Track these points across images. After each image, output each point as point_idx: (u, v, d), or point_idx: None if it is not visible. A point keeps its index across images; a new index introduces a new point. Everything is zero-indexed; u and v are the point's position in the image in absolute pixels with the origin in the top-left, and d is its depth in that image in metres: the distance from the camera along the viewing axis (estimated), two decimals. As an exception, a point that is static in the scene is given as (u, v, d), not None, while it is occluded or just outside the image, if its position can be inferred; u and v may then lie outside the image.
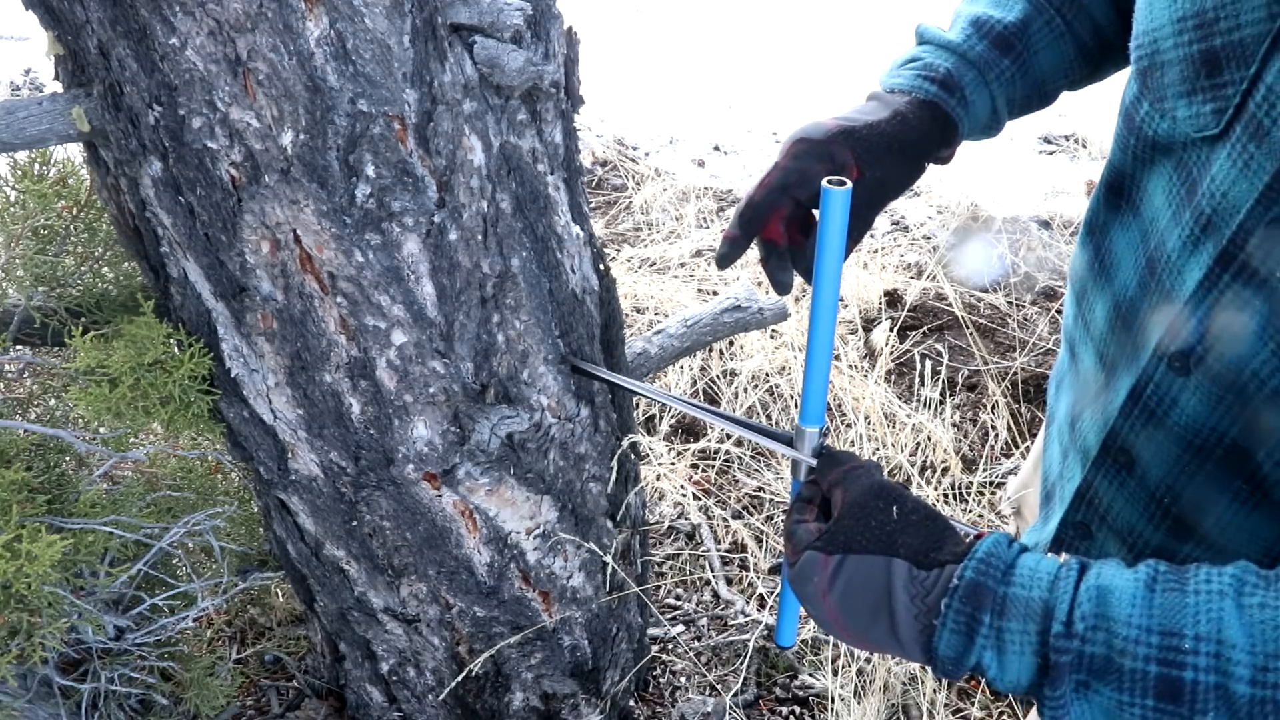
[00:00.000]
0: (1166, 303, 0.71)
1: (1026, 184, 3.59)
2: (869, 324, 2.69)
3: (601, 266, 1.26)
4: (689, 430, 2.35)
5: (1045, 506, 0.96)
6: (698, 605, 1.91)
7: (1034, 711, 1.17)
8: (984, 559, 0.59)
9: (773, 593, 1.91)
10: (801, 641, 1.79)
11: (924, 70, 0.86)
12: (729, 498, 2.14)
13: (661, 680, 1.74)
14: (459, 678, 1.38)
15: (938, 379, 2.40)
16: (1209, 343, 0.66)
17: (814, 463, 0.80)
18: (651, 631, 1.79)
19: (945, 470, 2.18)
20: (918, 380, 2.46)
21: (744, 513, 2.11)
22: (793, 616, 0.88)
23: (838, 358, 2.45)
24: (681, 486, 2.12)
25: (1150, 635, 0.52)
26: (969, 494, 2.12)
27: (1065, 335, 0.94)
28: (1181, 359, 0.69)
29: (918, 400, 2.38)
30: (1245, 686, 0.49)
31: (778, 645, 0.90)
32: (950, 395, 2.42)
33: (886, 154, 0.81)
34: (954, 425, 2.33)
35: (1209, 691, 0.50)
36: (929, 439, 2.22)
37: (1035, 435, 2.28)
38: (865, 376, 2.38)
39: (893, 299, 2.76)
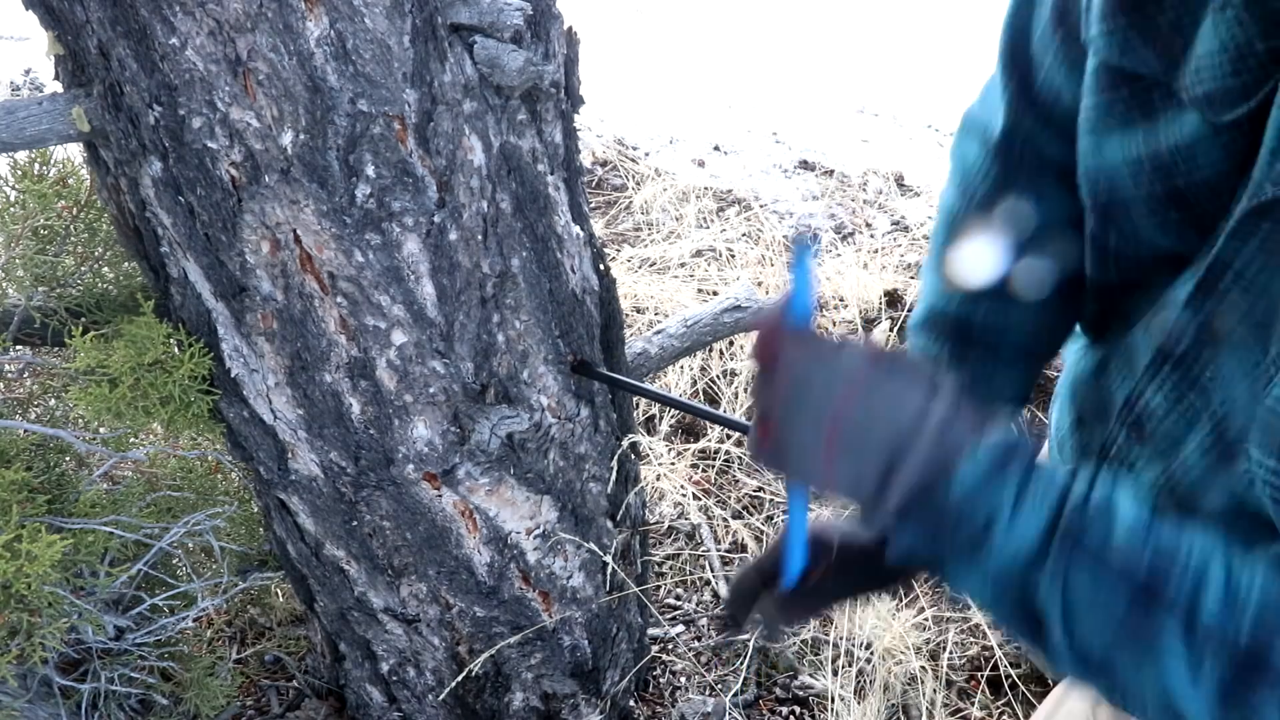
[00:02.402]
0: (1131, 373, 0.72)
1: (1026, 184, 3.59)
2: (869, 324, 2.69)
3: (601, 266, 1.26)
4: (689, 430, 2.35)
5: (1055, 457, 0.95)
6: (698, 605, 1.91)
7: (1035, 713, 1.18)
8: (1006, 442, 0.59)
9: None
10: (801, 641, 1.79)
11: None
12: (729, 498, 2.14)
13: (661, 680, 1.74)
14: (459, 678, 1.37)
15: (938, 379, 2.39)
16: (1153, 425, 0.68)
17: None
18: (651, 631, 1.79)
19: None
20: (918, 380, 2.46)
21: (744, 513, 2.11)
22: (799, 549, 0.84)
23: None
24: (681, 486, 2.12)
25: (1146, 548, 0.55)
26: (969, 494, 2.12)
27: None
28: (1138, 429, 0.71)
29: (918, 400, 2.38)
30: (1210, 619, 0.53)
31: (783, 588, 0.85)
32: (950, 395, 2.42)
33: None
34: (954, 425, 2.32)
35: (1180, 611, 0.53)
36: (929, 439, 2.22)
37: (1036, 436, 2.28)
38: (865, 376, 2.38)
39: (893, 299, 2.76)
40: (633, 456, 1.45)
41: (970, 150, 0.88)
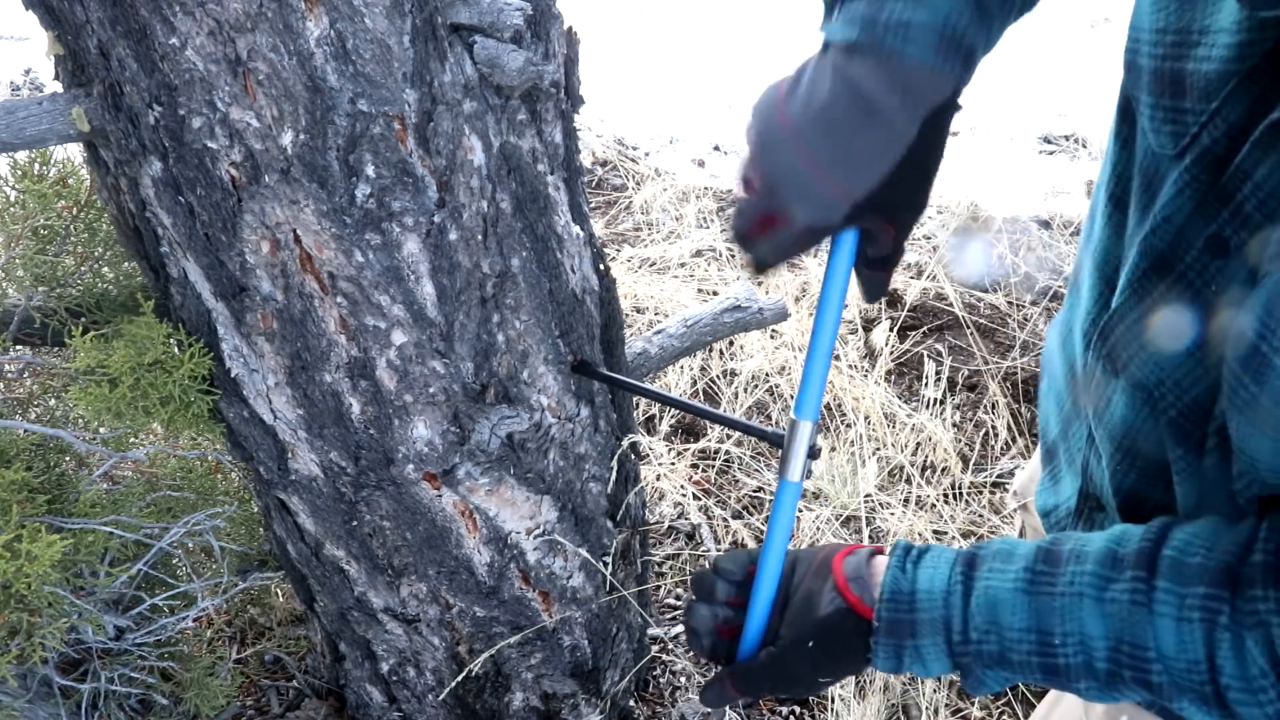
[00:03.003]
0: (1108, 305, 0.72)
1: (1026, 184, 3.59)
2: (869, 324, 2.69)
3: (601, 266, 1.26)
4: (689, 430, 2.35)
5: (1048, 465, 0.95)
6: (698, 605, 1.90)
7: (1034, 713, 1.18)
8: (891, 598, 0.70)
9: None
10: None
11: (941, 37, 0.65)
12: (729, 498, 2.14)
13: (661, 680, 1.74)
14: (459, 678, 1.37)
15: (938, 379, 2.40)
16: (1134, 349, 0.68)
17: (809, 464, 0.80)
18: (651, 631, 1.79)
19: (945, 470, 2.18)
20: (918, 380, 2.46)
21: (744, 513, 2.11)
22: (758, 636, 0.84)
23: (837, 358, 2.45)
24: (681, 486, 2.12)
25: (1030, 634, 0.66)
26: (969, 494, 2.13)
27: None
28: (1111, 360, 0.70)
29: (918, 400, 2.38)
30: (1104, 663, 0.64)
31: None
32: (950, 395, 2.42)
33: (909, 188, 0.71)
34: (954, 425, 2.33)
35: (1079, 669, 0.65)
36: (929, 439, 2.22)
37: (1037, 435, 2.28)
38: (865, 376, 2.38)
39: (893, 299, 2.76)
40: (633, 456, 1.45)
41: None
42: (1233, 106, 0.58)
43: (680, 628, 1.85)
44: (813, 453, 0.81)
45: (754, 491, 2.16)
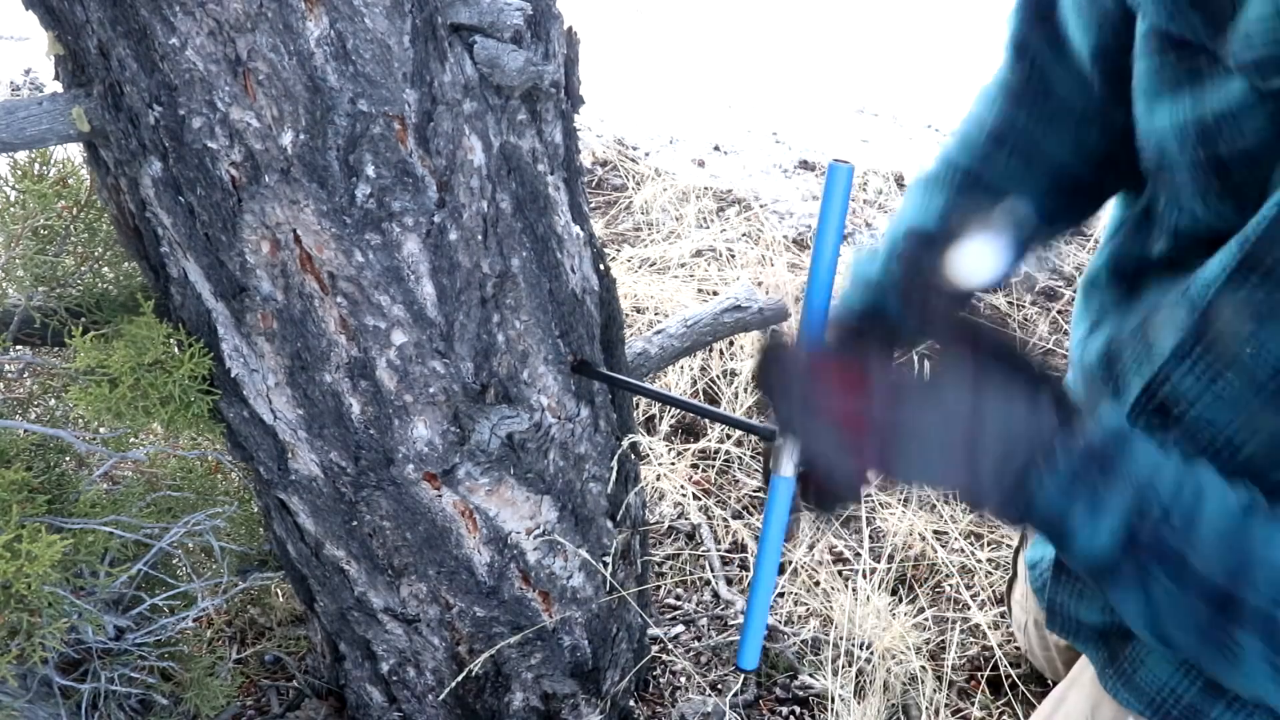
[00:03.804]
0: (1149, 359, 0.71)
1: (1026, 184, 3.58)
2: (869, 324, 2.69)
3: (601, 266, 1.26)
4: (689, 430, 2.35)
5: None
6: (698, 605, 1.91)
7: (1034, 713, 1.18)
8: (1115, 433, 0.61)
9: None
10: (801, 641, 1.79)
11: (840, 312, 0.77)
12: (729, 498, 2.14)
13: (661, 680, 1.74)
14: (459, 678, 1.38)
15: (938, 379, 2.39)
16: (1182, 409, 0.67)
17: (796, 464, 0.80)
18: (651, 631, 1.79)
19: (945, 470, 2.18)
20: (918, 380, 2.46)
21: (744, 513, 2.11)
22: (758, 636, 0.85)
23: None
24: (681, 486, 2.12)
25: (1228, 553, 0.57)
26: (969, 494, 2.12)
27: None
28: (1162, 415, 0.70)
29: (918, 400, 2.37)
30: None
31: (739, 668, 0.86)
32: (950, 395, 2.42)
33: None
34: (954, 425, 2.32)
35: (1261, 617, 0.56)
36: (929, 439, 2.21)
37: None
38: (865, 376, 2.38)
39: (893, 299, 2.76)
40: (633, 456, 1.45)
41: (988, 90, 0.88)
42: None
43: (681, 628, 1.85)
44: None
45: (754, 491, 2.16)
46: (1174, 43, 0.63)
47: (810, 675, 1.74)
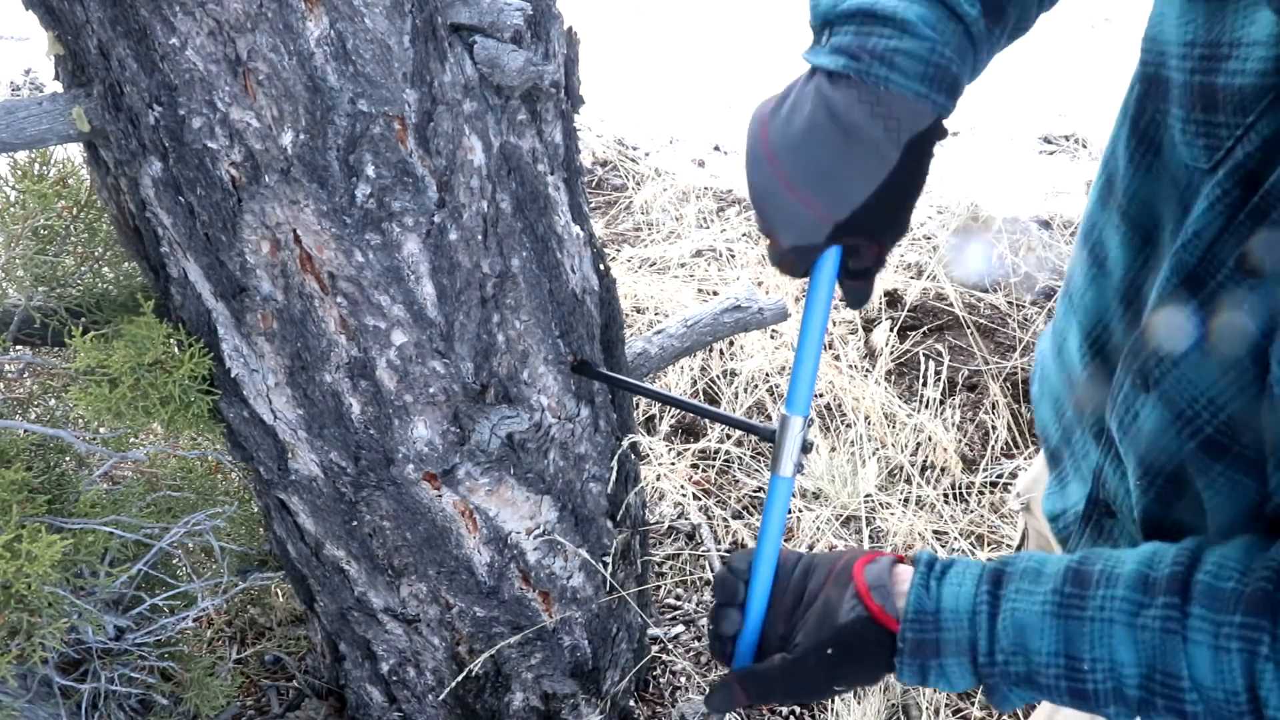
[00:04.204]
0: (1136, 317, 0.71)
1: (1026, 184, 3.59)
2: (869, 324, 2.69)
3: (601, 266, 1.26)
4: (689, 430, 2.35)
5: (1054, 468, 0.95)
6: (698, 605, 1.91)
7: (1034, 713, 1.18)
8: (915, 617, 0.70)
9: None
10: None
11: (928, 66, 0.65)
12: (729, 498, 2.14)
13: (661, 680, 1.74)
14: (459, 678, 1.37)
15: (938, 379, 2.40)
16: (1166, 364, 0.66)
17: (800, 460, 0.80)
18: (651, 631, 1.79)
19: (945, 470, 2.18)
20: (918, 380, 2.46)
21: (744, 513, 2.11)
22: (755, 634, 0.84)
23: (837, 358, 2.45)
24: (681, 486, 2.12)
25: (1058, 659, 0.65)
26: (969, 494, 2.12)
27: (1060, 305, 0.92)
28: (1142, 376, 0.69)
29: (918, 400, 2.38)
30: (1135, 690, 0.62)
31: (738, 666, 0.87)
32: (950, 395, 2.42)
33: (891, 211, 0.72)
34: (954, 425, 2.33)
35: (1109, 694, 0.64)
36: (929, 439, 2.22)
37: (1036, 435, 2.28)
38: (865, 376, 2.38)
39: (893, 299, 2.76)
40: (633, 456, 1.45)
41: None
42: (1269, 121, 0.57)
43: (680, 628, 1.85)
44: (805, 447, 0.81)
45: (754, 491, 2.16)
46: None
47: (810, 675, 1.73)
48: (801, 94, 0.68)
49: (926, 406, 2.32)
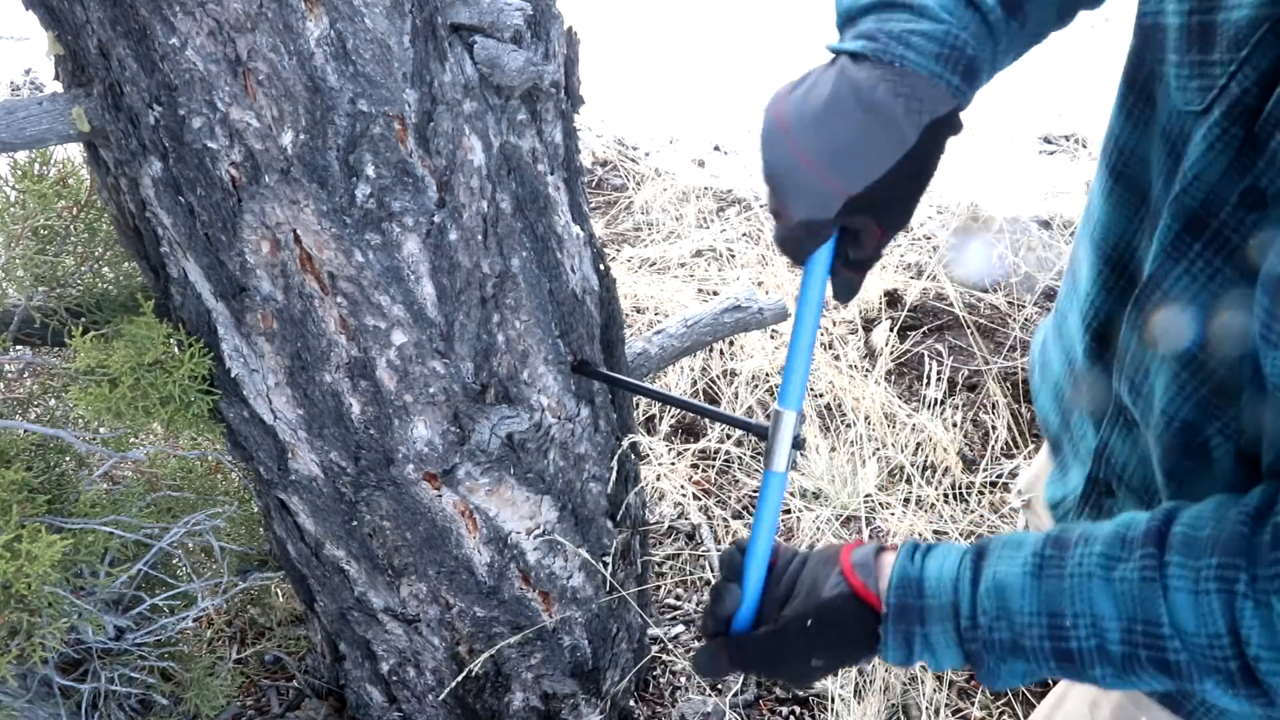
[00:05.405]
0: (1132, 281, 0.71)
1: (1026, 184, 3.59)
2: (869, 324, 2.69)
3: (601, 266, 1.26)
4: (689, 430, 2.35)
5: (1056, 457, 0.95)
6: (698, 605, 1.91)
7: (1033, 713, 1.18)
8: (900, 584, 0.70)
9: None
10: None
11: (943, 47, 0.67)
12: (729, 498, 2.14)
13: (661, 680, 1.74)
14: (459, 678, 1.37)
15: (938, 379, 2.40)
16: (1172, 316, 0.67)
17: (792, 453, 0.81)
18: (651, 631, 1.79)
19: (945, 470, 2.18)
20: (918, 380, 2.46)
21: (744, 513, 2.11)
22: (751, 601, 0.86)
23: (837, 358, 2.45)
24: (681, 486, 2.12)
25: (1040, 618, 0.65)
26: (969, 494, 2.12)
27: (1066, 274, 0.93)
28: (1148, 331, 0.69)
29: (918, 400, 2.38)
30: (1117, 645, 0.62)
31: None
32: (951, 395, 2.42)
33: (901, 196, 0.72)
34: (954, 425, 2.33)
35: (1092, 653, 0.64)
36: (929, 439, 2.22)
37: (1037, 435, 2.28)
38: (865, 376, 2.38)
39: (893, 299, 2.76)
40: (633, 456, 1.45)
41: None
42: (1263, 53, 0.57)
43: (680, 628, 1.85)
44: (798, 443, 0.81)
45: (754, 491, 2.16)
46: None
47: (810, 675, 1.73)
48: (822, 76, 0.69)
49: (926, 406, 2.32)
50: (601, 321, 1.27)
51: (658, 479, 2.14)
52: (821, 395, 2.39)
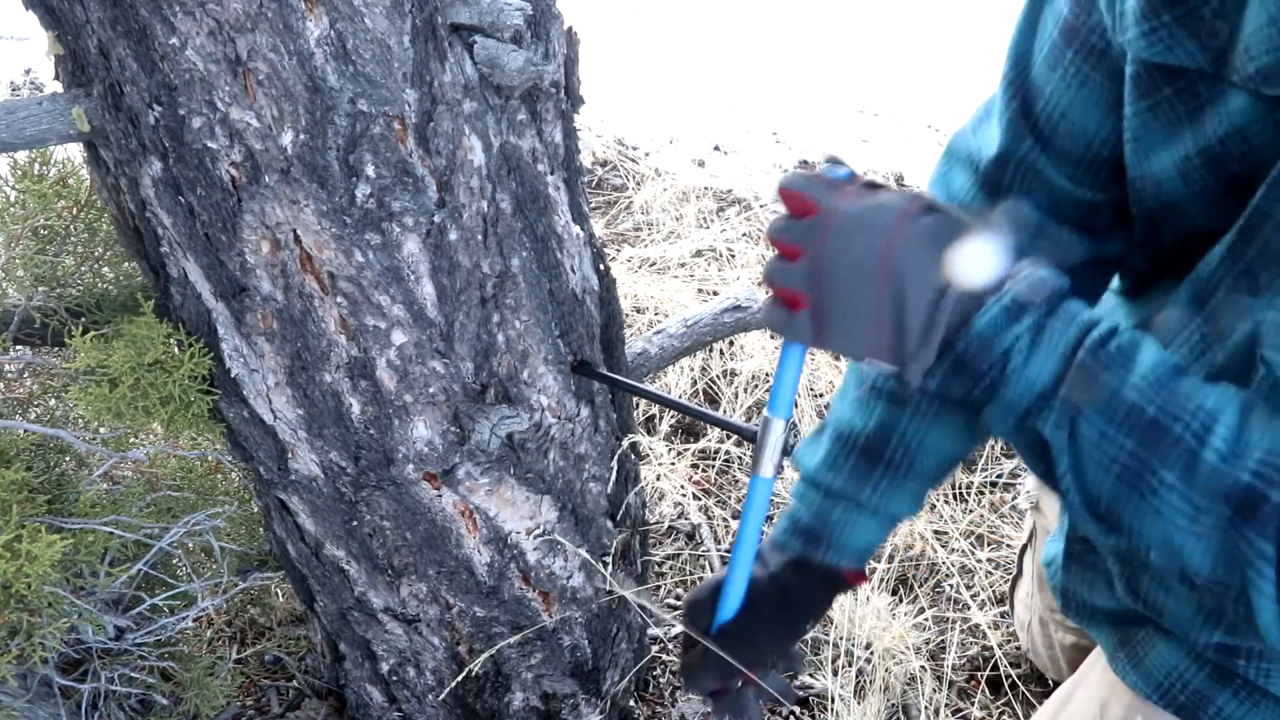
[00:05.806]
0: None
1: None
2: (869, 324, 2.69)
3: (601, 266, 1.26)
4: (689, 430, 2.35)
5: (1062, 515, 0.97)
6: (698, 605, 1.90)
7: (1037, 712, 1.18)
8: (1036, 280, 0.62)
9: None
10: (801, 641, 1.79)
11: (790, 523, 0.94)
12: (729, 498, 2.14)
13: (661, 680, 1.74)
14: (459, 678, 1.37)
15: (938, 379, 2.39)
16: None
17: (779, 462, 0.82)
18: (651, 631, 1.79)
19: (945, 470, 2.18)
20: (918, 380, 2.46)
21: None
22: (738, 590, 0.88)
23: (836, 357, 2.45)
24: (681, 486, 2.12)
25: (1162, 389, 0.58)
26: (969, 494, 2.12)
27: None
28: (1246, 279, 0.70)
29: (918, 400, 2.37)
30: (1213, 457, 0.55)
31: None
32: (950, 395, 2.42)
33: (776, 629, 0.90)
34: (954, 425, 2.32)
35: (1184, 449, 0.56)
36: (929, 439, 2.22)
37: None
38: (865, 376, 2.38)
39: (893, 299, 2.75)
40: (633, 456, 1.45)
41: (956, 179, 0.87)
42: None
43: (680, 627, 1.85)
44: (786, 450, 0.81)
45: (754, 491, 2.16)
46: (1169, 75, 0.63)
47: (810, 675, 1.74)
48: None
49: (926, 406, 2.32)
50: (601, 321, 1.27)
51: (658, 479, 2.14)
52: (822, 396, 2.39)
